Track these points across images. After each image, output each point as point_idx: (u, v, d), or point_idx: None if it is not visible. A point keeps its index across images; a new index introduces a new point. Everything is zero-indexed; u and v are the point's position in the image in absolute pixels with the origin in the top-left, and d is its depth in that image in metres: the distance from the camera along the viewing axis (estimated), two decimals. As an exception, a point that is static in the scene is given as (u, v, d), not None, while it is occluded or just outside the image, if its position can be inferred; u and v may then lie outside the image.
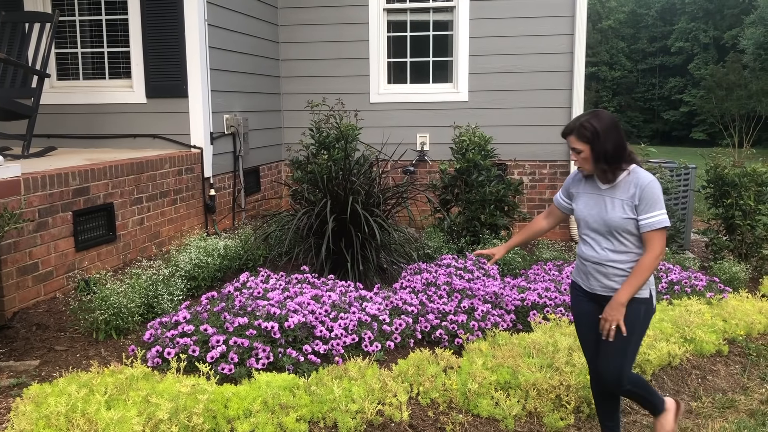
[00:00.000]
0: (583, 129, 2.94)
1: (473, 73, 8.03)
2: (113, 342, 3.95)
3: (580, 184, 3.19)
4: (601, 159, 2.94)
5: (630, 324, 3.00)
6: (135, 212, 5.47)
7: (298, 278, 4.72)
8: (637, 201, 2.92)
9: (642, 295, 3.00)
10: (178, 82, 6.41)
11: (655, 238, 2.91)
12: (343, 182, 5.19)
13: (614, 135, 2.95)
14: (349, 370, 3.62)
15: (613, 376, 3.09)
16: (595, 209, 3.04)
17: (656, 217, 2.89)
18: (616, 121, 2.99)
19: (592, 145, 2.93)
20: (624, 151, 2.98)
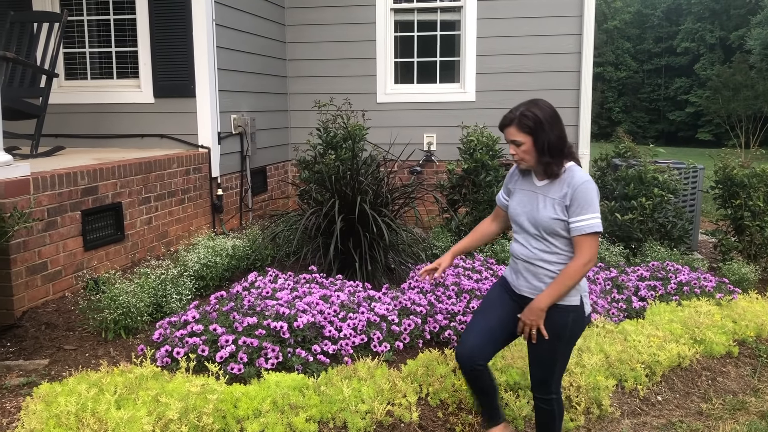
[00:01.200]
0: (525, 118, 2.74)
1: (480, 73, 8.02)
2: (122, 341, 3.94)
3: (517, 180, 3.02)
4: (545, 151, 2.74)
5: (556, 332, 2.86)
6: (143, 212, 5.47)
7: (307, 278, 4.71)
8: (568, 201, 2.73)
9: (570, 302, 2.83)
10: (185, 82, 6.42)
11: (585, 243, 2.72)
12: (351, 182, 5.18)
13: (557, 124, 2.78)
14: (358, 371, 3.61)
15: (540, 382, 3.00)
16: (527, 206, 2.88)
17: (587, 221, 2.70)
18: (556, 111, 2.82)
19: (534, 136, 2.74)
20: (566, 143, 2.81)
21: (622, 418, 3.80)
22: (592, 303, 4.84)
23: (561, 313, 2.84)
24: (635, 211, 6.27)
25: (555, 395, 3.03)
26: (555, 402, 3.04)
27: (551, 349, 2.91)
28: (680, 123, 40.78)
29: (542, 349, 2.92)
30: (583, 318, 2.90)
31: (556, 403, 3.05)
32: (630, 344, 4.32)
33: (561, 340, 2.89)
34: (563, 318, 2.85)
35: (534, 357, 2.99)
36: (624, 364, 4.13)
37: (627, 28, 44.82)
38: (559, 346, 2.91)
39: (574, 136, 7.92)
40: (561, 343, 2.90)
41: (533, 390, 3.09)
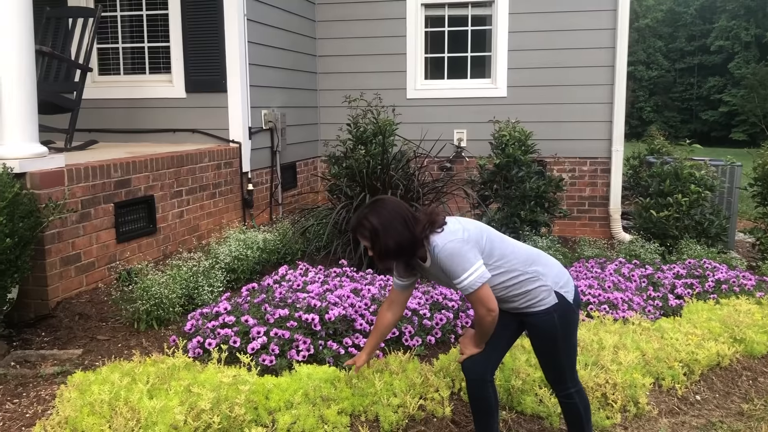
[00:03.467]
0: (363, 228, 2.73)
1: (512, 68, 7.92)
2: (154, 332, 3.96)
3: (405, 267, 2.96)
4: (386, 255, 2.74)
5: (549, 335, 2.84)
6: (175, 205, 5.50)
7: (337, 272, 4.68)
8: (444, 270, 2.71)
9: (545, 305, 2.79)
10: (217, 77, 6.44)
11: (473, 299, 2.69)
12: (382, 176, 5.14)
13: (395, 229, 2.69)
14: (390, 364, 3.57)
15: (553, 381, 2.97)
16: (441, 282, 2.96)
17: (462, 282, 2.65)
18: (399, 209, 2.72)
19: (373, 243, 2.72)
20: (410, 244, 2.71)
21: (660, 417, 3.70)
22: (627, 300, 4.74)
23: (544, 316, 2.82)
24: (671, 208, 6.14)
25: (573, 388, 2.99)
26: (576, 395, 3.00)
27: (552, 349, 2.89)
28: (713, 123, 40.02)
29: (545, 351, 2.92)
30: (569, 309, 2.85)
31: (577, 395, 3.00)
32: (667, 342, 4.21)
33: (556, 341, 2.87)
34: (549, 321, 2.83)
35: (541, 362, 2.99)
36: (661, 362, 4.03)
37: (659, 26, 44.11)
38: (558, 346, 2.88)
39: (608, 133, 7.79)
40: (558, 342, 2.87)
41: (553, 389, 3.05)
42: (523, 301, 2.82)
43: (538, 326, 2.85)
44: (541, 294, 2.80)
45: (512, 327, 2.97)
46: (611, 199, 7.86)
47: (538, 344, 2.92)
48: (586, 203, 8.00)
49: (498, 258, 2.77)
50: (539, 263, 2.85)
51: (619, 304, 4.65)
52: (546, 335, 2.85)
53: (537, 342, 2.92)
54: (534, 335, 2.91)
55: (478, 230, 2.79)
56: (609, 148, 7.83)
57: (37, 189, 4.03)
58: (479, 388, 2.94)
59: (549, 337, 2.85)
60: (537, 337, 2.90)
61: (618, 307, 4.63)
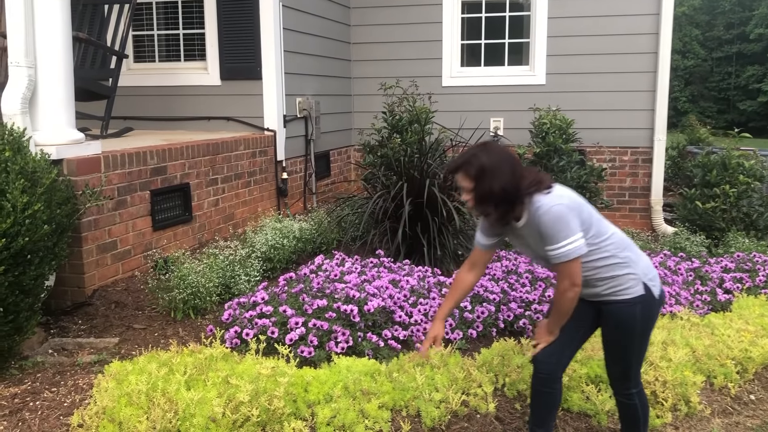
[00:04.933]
0: (470, 166, 2.59)
1: (551, 55, 7.72)
2: (191, 322, 3.90)
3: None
4: (487, 200, 2.60)
5: (627, 328, 2.68)
6: (210, 193, 5.45)
7: (374, 262, 4.59)
8: (541, 234, 2.58)
9: (631, 294, 2.65)
10: (252, 64, 6.37)
11: (563, 269, 2.58)
12: (420, 165, 5.02)
13: (503, 173, 2.56)
14: (430, 358, 3.46)
15: (618, 378, 2.82)
16: (526, 247, 2.77)
17: (558, 250, 2.54)
18: (509, 156, 2.61)
19: (476, 184, 2.59)
20: (515, 192, 2.56)
21: (713, 417, 3.55)
22: (674, 294, 4.57)
23: (627, 306, 2.66)
24: (717, 199, 5.93)
25: (636, 389, 2.84)
26: (637, 396, 2.85)
27: (627, 343, 2.72)
28: (751, 113, 39.00)
29: (617, 345, 2.75)
30: (653, 304, 2.70)
31: (638, 396, 2.85)
32: (718, 338, 4.04)
33: (633, 334, 2.71)
34: (631, 312, 2.67)
35: (609, 354, 2.82)
36: (712, 360, 3.86)
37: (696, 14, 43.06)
38: (634, 339, 2.72)
39: (651, 122, 7.56)
40: (635, 336, 2.71)
41: (612, 386, 2.90)
42: (609, 287, 2.67)
43: (618, 316, 2.68)
44: (629, 282, 2.65)
45: (588, 322, 2.82)
46: (653, 189, 7.63)
47: (613, 336, 2.74)
48: (626, 194, 7.79)
49: (594, 235, 2.63)
50: (631, 250, 2.71)
51: (666, 299, 4.48)
52: (624, 327, 2.69)
53: (612, 333, 2.75)
54: (611, 326, 2.74)
55: (581, 201, 2.67)
56: (651, 138, 7.59)
57: (73, 175, 4.00)
58: (547, 382, 2.83)
59: (627, 329, 2.68)
60: (613, 328, 2.73)
61: (665, 302, 4.47)
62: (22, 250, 3.11)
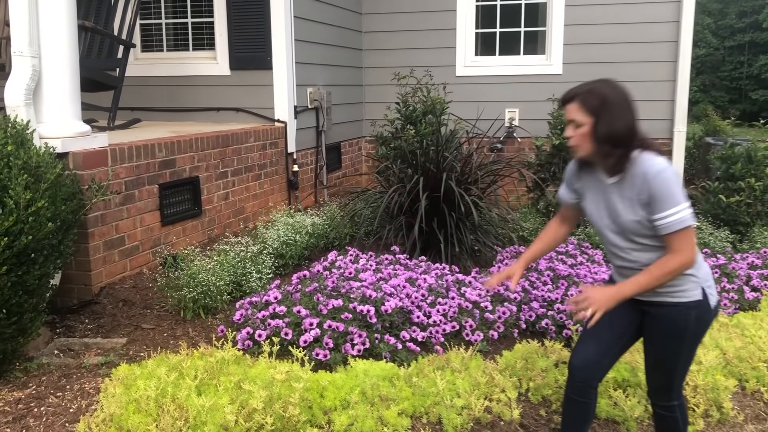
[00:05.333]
0: (591, 96, 2.31)
1: (568, 44, 7.52)
2: (201, 321, 3.77)
3: (583, 177, 2.55)
4: (603, 140, 2.31)
5: (678, 333, 2.44)
6: (220, 186, 5.31)
7: (389, 259, 4.44)
8: (646, 198, 2.29)
9: (690, 297, 2.40)
10: (262, 54, 6.21)
11: (678, 241, 2.28)
12: (436, 158, 4.86)
13: (629, 112, 2.33)
14: (451, 361, 3.32)
15: (660, 389, 2.60)
16: (606, 210, 2.44)
17: (673, 215, 2.25)
18: (630, 96, 2.37)
19: (596, 119, 2.31)
20: (635, 135, 2.33)
21: (746, 423, 3.39)
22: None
23: (681, 311, 2.44)
24: (742, 193, 5.74)
25: (677, 401, 2.63)
26: (677, 408, 2.65)
27: (674, 352, 2.50)
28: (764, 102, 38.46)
29: (663, 353, 2.53)
30: (708, 313, 2.48)
31: (679, 409, 2.65)
32: (749, 340, 3.88)
33: (683, 342, 2.49)
34: (685, 317, 2.44)
35: (653, 361, 2.60)
36: (744, 362, 3.70)
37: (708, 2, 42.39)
38: (683, 349, 2.50)
39: (670, 113, 7.37)
40: (684, 345, 2.50)
41: (651, 397, 2.70)
42: (670, 286, 2.41)
43: (670, 320, 2.45)
44: (689, 284, 2.41)
45: (632, 329, 2.61)
46: (672, 182, 7.43)
47: (660, 341, 2.51)
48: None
49: None
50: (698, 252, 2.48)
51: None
52: (675, 332, 2.47)
53: (659, 338, 2.51)
54: (659, 330, 2.50)
55: None
56: (671, 129, 7.40)
57: (79, 169, 3.86)
58: (582, 392, 2.62)
59: (677, 335, 2.46)
60: (662, 333, 2.49)
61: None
62: (25, 249, 2.98)
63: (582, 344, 2.67)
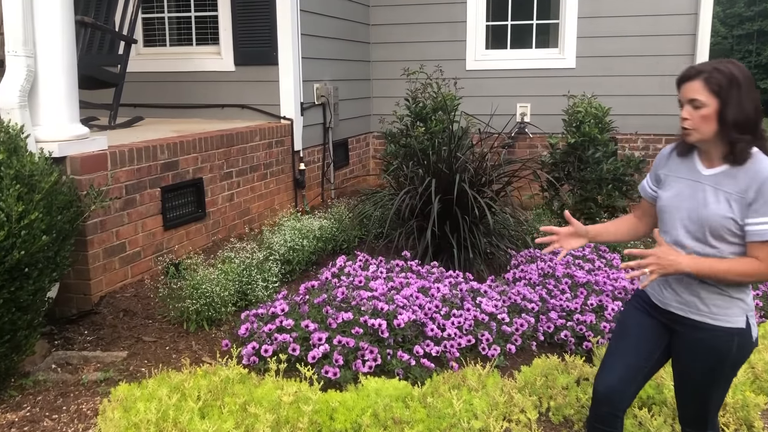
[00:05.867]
0: (718, 74, 2.08)
1: (582, 37, 7.31)
2: (205, 334, 3.61)
3: (673, 165, 2.33)
4: (733, 124, 2.08)
5: (717, 360, 2.23)
6: (225, 188, 5.14)
7: (400, 265, 4.27)
8: (751, 198, 2.08)
9: (734, 323, 2.19)
10: (267, 49, 6.02)
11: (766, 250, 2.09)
12: (448, 159, 4.68)
13: (754, 93, 2.10)
14: (467, 379, 3.15)
15: (692, 419, 2.39)
16: (689, 201, 2.20)
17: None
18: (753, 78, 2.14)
19: (723, 100, 2.07)
20: (761, 123, 2.12)
21: (778, 444, 3.22)
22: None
23: (723, 336, 2.22)
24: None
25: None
26: None
27: (709, 380, 2.29)
28: (774, 92, 38.14)
29: (698, 381, 2.31)
30: (750, 343, 2.27)
31: None
32: (778, 352, 3.70)
33: (722, 371, 2.27)
34: (726, 343, 2.23)
35: (686, 389, 2.38)
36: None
37: (718, -10, 41.99)
38: (720, 378, 2.29)
39: (687, 107, 7.14)
40: (722, 374, 2.29)
41: (684, 426, 2.47)
42: (716, 301, 2.21)
43: (711, 345, 2.23)
44: (736, 308, 2.21)
45: (657, 354, 2.40)
46: (689, 179, 7.24)
47: (695, 370, 2.29)
48: (659, 184, 7.40)
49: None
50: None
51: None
52: (714, 358, 2.25)
53: (696, 365, 2.29)
54: (697, 356, 2.27)
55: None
56: (688, 124, 7.17)
57: (77, 175, 3.70)
58: (608, 421, 2.42)
59: (716, 361, 2.25)
60: (700, 359, 2.27)
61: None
62: (18, 264, 2.81)
63: (606, 370, 2.47)
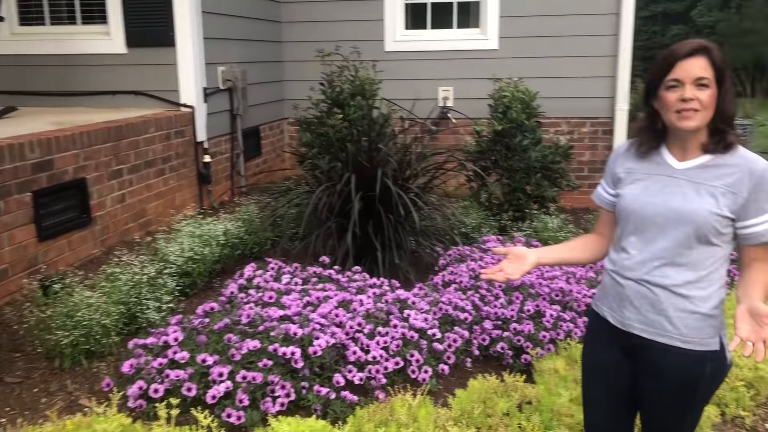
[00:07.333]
0: (719, 53, 1.83)
1: (505, 16, 6.95)
2: (83, 370, 3.03)
3: (632, 162, 2.02)
4: (722, 111, 1.85)
5: (689, 387, 1.92)
6: (114, 187, 4.50)
7: (318, 273, 3.79)
8: (746, 193, 1.82)
9: (708, 346, 1.89)
10: (163, 28, 5.36)
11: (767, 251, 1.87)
12: (369, 150, 4.22)
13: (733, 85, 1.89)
14: (395, 411, 2.72)
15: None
16: (660, 196, 1.90)
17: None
18: None
19: (723, 83, 1.83)
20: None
21: (732, 460, 2.96)
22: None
23: (695, 362, 1.90)
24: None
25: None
26: None
27: (679, 413, 1.98)
28: (677, 72, 39.59)
29: (667, 411, 1.99)
30: (724, 367, 1.95)
31: None
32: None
33: (694, 398, 1.95)
34: (699, 368, 1.90)
35: (653, 421, 2.05)
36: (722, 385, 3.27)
37: (626, -28, 43.13)
38: (692, 406, 1.98)
39: (612, 90, 6.95)
40: (694, 402, 1.97)
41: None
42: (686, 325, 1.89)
43: (680, 371, 1.91)
44: (708, 329, 1.89)
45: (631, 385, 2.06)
46: (614, 164, 7.05)
47: (665, 397, 1.97)
48: (585, 168, 7.19)
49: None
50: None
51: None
52: (683, 385, 1.93)
53: (664, 394, 1.97)
54: (664, 385, 1.95)
55: None
56: (612, 107, 6.99)
57: None
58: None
59: (686, 389, 1.93)
60: (667, 387, 1.95)
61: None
62: None
63: (589, 418, 2.19)
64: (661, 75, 1.87)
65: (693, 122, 1.83)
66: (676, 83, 1.83)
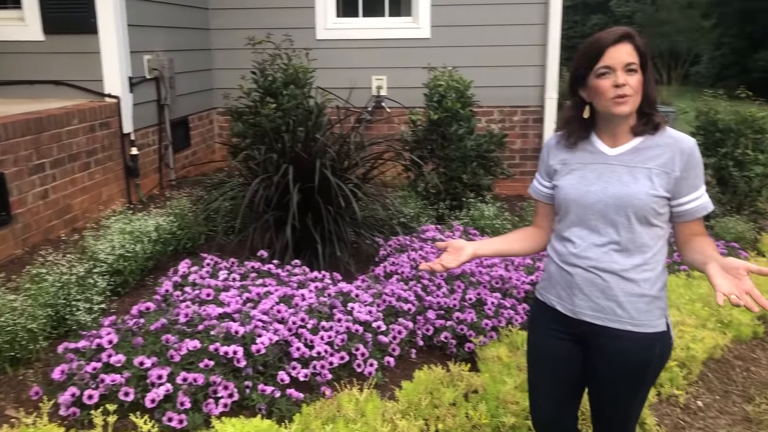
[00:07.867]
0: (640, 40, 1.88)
1: (437, 5, 6.95)
2: (8, 378, 2.85)
3: (564, 153, 2.04)
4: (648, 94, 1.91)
5: (638, 369, 1.97)
6: (36, 183, 4.26)
7: (257, 268, 3.70)
8: (678, 171, 1.86)
9: (656, 327, 1.94)
10: (83, 14, 5.10)
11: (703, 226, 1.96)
12: (306, 141, 4.14)
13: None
14: (342, 407, 2.68)
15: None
16: (598, 184, 1.93)
17: (705, 196, 1.92)
18: None
19: (646, 68, 1.89)
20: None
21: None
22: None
23: (645, 344, 1.94)
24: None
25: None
26: None
27: (631, 394, 2.02)
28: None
29: (617, 395, 2.02)
30: (669, 347, 2.02)
31: None
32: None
33: (644, 379, 2.00)
34: (649, 350, 1.95)
35: (603, 404, 2.08)
36: (656, 364, 3.38)
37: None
38: (639, 390, 2.03)
39: (541, 78, 7.06)
40: (645, 382, 2.01)
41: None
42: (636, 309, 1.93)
43: (632, 354, 1.94)
44: (656, 311, 1.94)
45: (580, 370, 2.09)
46: (545, 151, 7.19)
47: (616, 381, 1.99)
48: (516, 156, 7.30)
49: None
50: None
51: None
52: (636, 367, 1.96)
53: (615, 379, 1.99)
54: (615, 367, 1.98)
55: None
56: (542, 96, 7.11)
57: None
58: None
59: (638, 370, 1.97)
60: (620, 372, 1.98)
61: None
62: None
63: (536, 409, 2.21)
64: (590, 63, 1.89)
65: (627, 107, 1.87)
66: (607, 70, 1.86)
